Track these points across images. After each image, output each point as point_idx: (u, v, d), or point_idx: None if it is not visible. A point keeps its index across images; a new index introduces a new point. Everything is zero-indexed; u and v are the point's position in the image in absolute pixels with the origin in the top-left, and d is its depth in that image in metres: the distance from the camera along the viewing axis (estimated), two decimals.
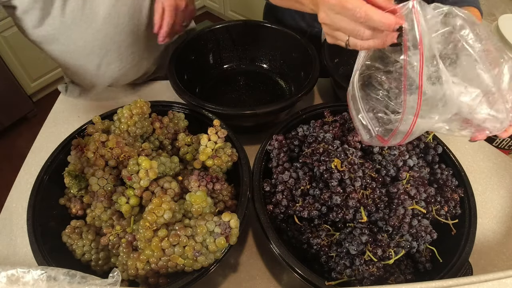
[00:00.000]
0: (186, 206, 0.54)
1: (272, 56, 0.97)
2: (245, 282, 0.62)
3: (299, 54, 0.89)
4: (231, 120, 0.68)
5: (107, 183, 0.56)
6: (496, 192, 0.76)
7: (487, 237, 0.69)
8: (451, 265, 0.53)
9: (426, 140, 0.65)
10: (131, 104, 0.63)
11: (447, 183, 0.61)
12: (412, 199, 0.54)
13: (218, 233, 0.50)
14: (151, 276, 0.52)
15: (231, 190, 0.62)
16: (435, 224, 0.58)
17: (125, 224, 0.55)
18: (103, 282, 0.43)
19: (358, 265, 0.52)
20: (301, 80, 0.87)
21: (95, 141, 0.56)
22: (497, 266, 0.65)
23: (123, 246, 0.53)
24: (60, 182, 0.61)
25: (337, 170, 0.55)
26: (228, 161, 0.62)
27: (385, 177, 0.58)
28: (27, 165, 0.79)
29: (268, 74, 0.98)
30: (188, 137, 0.65)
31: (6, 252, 0.66)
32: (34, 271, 0.41)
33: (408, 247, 0.54)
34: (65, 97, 0.93)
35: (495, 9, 1.45)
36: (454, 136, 0.67)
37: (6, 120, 2.09)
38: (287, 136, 0.67)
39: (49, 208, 0.60)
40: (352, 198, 0.53)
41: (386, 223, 0.55)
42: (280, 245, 0.52)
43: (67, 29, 0.74)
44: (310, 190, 0.59)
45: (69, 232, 0.56)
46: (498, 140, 0.96)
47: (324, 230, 0.57)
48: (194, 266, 0.49)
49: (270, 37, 0.93)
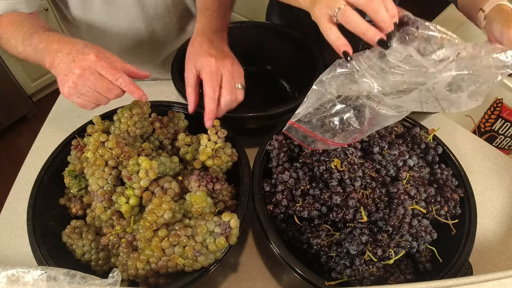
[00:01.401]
0: (186, 206, 0.54)
1: (275, 57, 0.97)
2: (245, 282, 0.62)
3: (302, 55, 0.89)
4: (233, 122, 0.68)
5: (107, 183, 0.56)
6: (496, 192, 0.76)
7: (487, 237, 0.69)
8: (451, 265, 0.53)
9: (426, 140, 0.65)
10: (131, 104, 0.63)
11: (447, 183, 0.61)
12: (412, 199, 0.54)
13: (218, 233, 0.50)
14: (151, 276, 0.52)
15: (231, 190, 0.62)
16: (435, 224, 0.58)
17: (125, 224, 0.55)
18: (103, 282, 0.43)
19: (358, 265, 0.52)
20: (305, 81, 0.87)
21: (95, 141, 0.56)
22: (497, 266, 0.65)
23: (123, 246, 0.53)
24: (60, 182, 0.61)
25: (337, 170, 0.55)
26: (228, 161, 0.62)
27: (385, 177, 0.58)
28: (27, 165, 0.79)
29: (271, 76, 0.98)
30: (188, 137, 0.65)
31: (6, 252, 0.66)
32: (34, 271, 0.41)
33: (408, 247, 0.54)
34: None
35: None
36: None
37: (6, 120, 2.09)
38: (287, 136, 0.67)
39: (49, 208, 0.60)
40: (352, 198, 0.53)
41: (386, 223, 0.55)
42: (280, 245, 0.52)
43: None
44: (310, 190, 0.59)
45: (69, 232, 0.56)
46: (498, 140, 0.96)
47: (324, 230, 0.57)
48: (194, 266, 0.49)
49: (273, 38, 0.93)
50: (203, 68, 0.56)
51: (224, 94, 0.56)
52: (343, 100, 0.49)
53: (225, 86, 0.56)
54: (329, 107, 0.49)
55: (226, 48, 0.63)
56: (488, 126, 1.01)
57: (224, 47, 0.63)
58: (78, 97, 0.55)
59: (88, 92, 0.54)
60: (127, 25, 0.83)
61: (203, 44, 0.59)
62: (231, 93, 0.56)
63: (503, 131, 0.99)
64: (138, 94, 0.55)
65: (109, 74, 0.52)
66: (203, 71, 0.55)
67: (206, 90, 0.55)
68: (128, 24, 0.83)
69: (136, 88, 0.55)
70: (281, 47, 0.94)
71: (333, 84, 0.48)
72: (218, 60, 0.56)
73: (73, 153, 0.63)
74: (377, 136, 0.63)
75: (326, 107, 0.49)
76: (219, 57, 0.57)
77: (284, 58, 0.96)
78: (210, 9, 0.68)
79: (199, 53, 0.58)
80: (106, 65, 0.52)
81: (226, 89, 0.56)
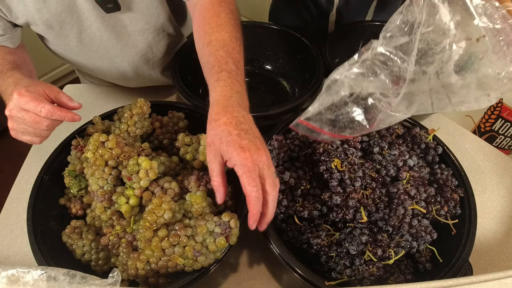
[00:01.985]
0: (186, 206, 0.54)
1: (275, 57, 0.97)
2: (245, 282, 0.62)
3: (302, 55, 0.89)
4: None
5: (107, 183, 0.56)
6: (496, 192, 0.76)
7: (487, 237, 0.69)
8: (451, 265, 0.53)
9: (426, 140, 0.65)
10: (131, 104, 0.63)
11: (447, 183, 0.61)
12: (412, 199, 0.54)
13: (218, 233, 0.50)
14: (151, 276, 0.52)
15: (231, 190, 0.62)
16: (435, 224, 0.58)
17: (125, 224, 0.55)
18: (103, 282, 0.43)
19: (358, 265, 0.52)
20: (305, 81, 0.87)
21: (95, 141, 0.56)
22: (497, 266, 0.65)
23: (123, 246, 0.53)
24: (60, 182, 0.61)
25: (337, 170, 0.55)
26: None
27: (385, 177, 0.58)
28: (27, 165, 0.79)
29: (271, 75, 0.98)
30: (188, 137, 0.65)
31: (6, 252, 0.66)
32: (34, 271, 0.41)
33: (408, 247, 0.55)
34: None
35: None
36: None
37: (6, 120, 2.09)
38: (287, 136, 0.67)
39: (49, 208, 0.60)
40: (352, 198, 0.53)
41: (386, 223, 0.55)
42: (280, 245, 0.52)
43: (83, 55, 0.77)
44: (310, 190, 0.59)
45: (69, 232, 0.56)
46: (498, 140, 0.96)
47: (324, 230, 0.57)
48: (194, 266, 0.49)
49: (273, 38, 0.93)
50: (238, 166, 0.48)
51: (270, 190, 0.49)
52: (355, 99, 0.48)
53: (268, 182, 0.49)
54: (340, 106, 0.48)
55: (253, 125, 0.52)
56: (488, 126, 1.01)
57: (252, 126, 0.52)
58: (22, 135, 0.57)
59: (25, 130, 0.56)
60: (108, 63, 0.80)
61: (230, 129, 0.49)
62: (274, 187, 0.49)
63: (503, 131, 0.99)
64: (69, 118, 0.55)
65: (32, 107, 0.52)
66: (239, 169, 0.48)
67: (248, 191, 0.47)
68: (109, 62, 0.80)
69: (64, 113, 0.54)
70: (281, 47, 0.94)
71: (346, 83, 0.47)
72: (253, 155, 0.48)
73: (73, 153, 0.63)
74: (377, 136, 0.64)
75: (337, 106, 0.48)
76: (253, 149, 0.48)
77: (284, 58, 0.96)
78: (225, 68, 0.56)
79: (227, 144, 0.48)
80: (28, 99, 0.52)
81: (269, 185, 0.49)
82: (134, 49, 0.78)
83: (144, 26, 0.74)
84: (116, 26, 0.72)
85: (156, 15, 0.75)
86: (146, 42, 0.78)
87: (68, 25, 0.68)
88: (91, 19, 0.68)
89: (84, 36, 0.71)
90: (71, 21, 0.68)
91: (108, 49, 0.76)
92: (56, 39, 0.72)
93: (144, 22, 0.74)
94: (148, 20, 0.74)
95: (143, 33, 0.76)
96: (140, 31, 0.75)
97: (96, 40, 0.73)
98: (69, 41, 0.72)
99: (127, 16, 0.71)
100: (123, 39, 0.75)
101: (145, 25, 0.74)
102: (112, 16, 0.69)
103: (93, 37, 0.72)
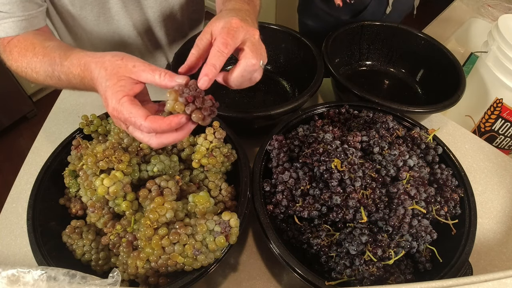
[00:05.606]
0: (190, 207, 0.54)
1: (275, 57, 0.97)
2: (245, 282, 0.62)
3: (302, 55, 0.89)
4: (233, 122, 0.68)
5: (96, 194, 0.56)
6: (496, 192, 0.76)
7: (487, 237, 0.69)
8: (451, 265, 0.53)
9: (426, 140, 0.65)
10: None
11: (447, 183, 0.61)
12: (412, 199, 0.54)
13: (218, 232, 0.50)
14: (151, 276, 0.52)
15: (231, 190, 0.62)
16: (435, 224, 0.58)
17: (126, 224, 0.55)
18: (103, 282, 0.43)
19: (358, 265, 0.52)
20: (305, 81, 0.87)
21: (87, 157, 0.54)
22: (497, 266, 0.65)
23: (124, 245, 0.53)
24: (60, 182, 0.61)
25: (337, 170, 0.55)
26: (224, 161, 0.62)
27: (385, 177, 0.58)
28: (27, 165, 0.79)
29: (271, 75, 0.98)
30: (190, 137, 0.65)
31: (6, 252, 0.66)
32: (34, 271, 0.41)
33: (408, 247, 0.54)
34: (65, 97, 0.93)
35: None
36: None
37: (6, 120, 2.09)
38: (287, 136, 0.67)
39: (49, 208, 0.60)
40: (352, 198, 0.53)
41: (386, 223, 0.55)
42: (280, 245, 0.52)
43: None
44: (310, 190, 0.59)
45: (69, 232, 0.56)
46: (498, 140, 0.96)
47: (324, 230, 0.57)
48: (194, 265, 0.49)
49: (273, 38, 0.93)
50: (223, 27, 0.47)
51: (226, 49, 0.48)
52: None
53: (246, 48, 0.50)
54: None
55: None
56: (488, 126, 1.01)
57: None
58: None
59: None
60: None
61: (233, 17, 0.50)
62: (231, 48, 0.48)
63: (503, 131, 0.99)
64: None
65: (123, 127, 0.48)
66: (223, 28, 0.47)
67: (218, 43, 0.47)
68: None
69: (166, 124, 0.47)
70: (281, 47, 0.94)
71: None
72: (244, 25, 0.49)
73: (73, 153, 0.63)
74: (377, 136, 0.63)
75: None
76: (246, 24, 0.50)
77: (284, 58, 0.96)
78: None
79: (224, 18, 0.49)
80: (116, 120, 0.48)
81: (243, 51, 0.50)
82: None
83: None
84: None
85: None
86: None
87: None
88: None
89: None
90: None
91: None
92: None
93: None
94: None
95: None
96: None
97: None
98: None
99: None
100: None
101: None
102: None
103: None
